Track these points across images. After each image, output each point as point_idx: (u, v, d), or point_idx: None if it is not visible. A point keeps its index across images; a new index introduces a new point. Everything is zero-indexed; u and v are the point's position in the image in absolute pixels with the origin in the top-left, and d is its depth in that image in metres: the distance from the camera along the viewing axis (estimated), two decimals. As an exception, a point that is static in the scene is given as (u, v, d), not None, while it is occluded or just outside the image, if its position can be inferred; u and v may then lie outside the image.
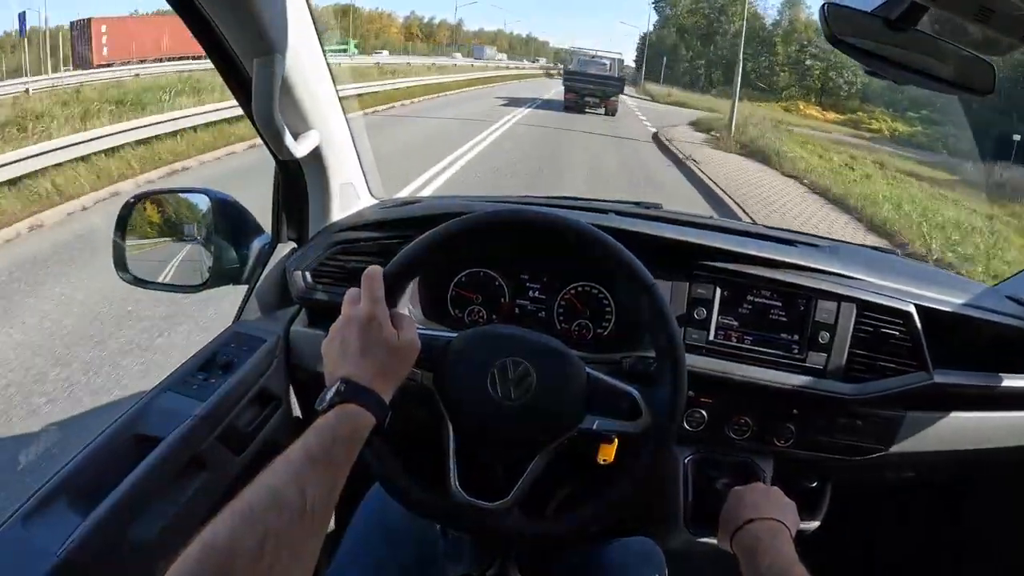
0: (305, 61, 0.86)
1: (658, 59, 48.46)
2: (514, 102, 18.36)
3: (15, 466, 2.11)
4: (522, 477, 0.68)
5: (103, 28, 18.80)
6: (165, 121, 7.77)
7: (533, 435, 0.68)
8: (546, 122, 13.96)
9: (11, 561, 0.65)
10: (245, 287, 1.02)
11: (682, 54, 45.12)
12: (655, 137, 13.00)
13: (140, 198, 1.01)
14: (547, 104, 18.80)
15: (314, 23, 0.87)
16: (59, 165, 5.84)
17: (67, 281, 3.84)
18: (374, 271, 0.65)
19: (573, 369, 0.70)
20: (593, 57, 18.82)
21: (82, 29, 19.15)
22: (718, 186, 8.14)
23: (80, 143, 6.28)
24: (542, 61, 76.29)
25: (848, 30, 0.73)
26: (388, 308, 0.64)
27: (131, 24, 19.98)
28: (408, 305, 0.96)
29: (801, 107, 33.12)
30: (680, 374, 0.70)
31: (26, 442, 2.26)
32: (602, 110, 16.61)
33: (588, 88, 16.48)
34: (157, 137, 7.36)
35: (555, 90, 22.79)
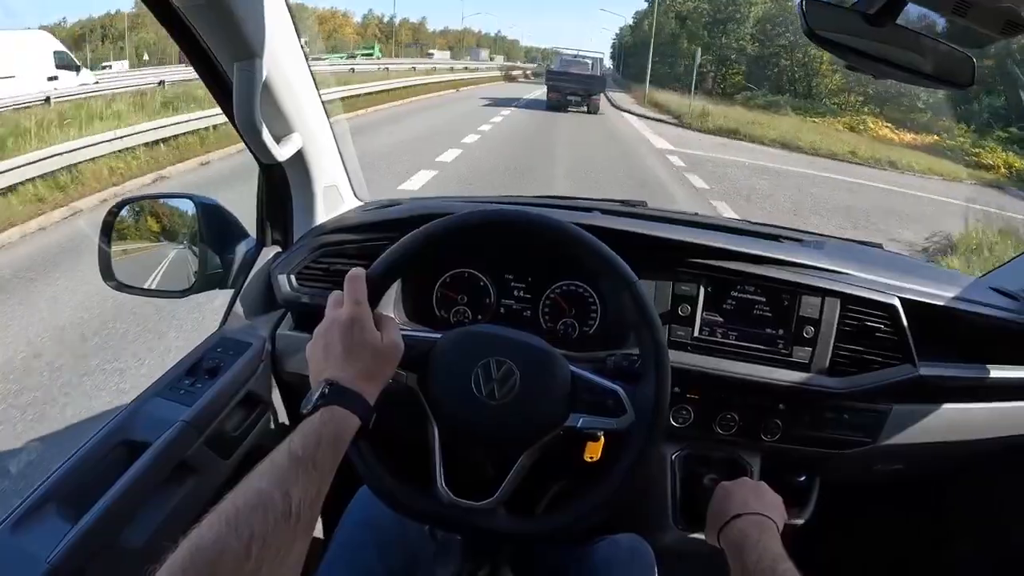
0: (286, 65, 0.86)
1: (662, 57, 33.64)
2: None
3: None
4: (508, 476, 0.68)
5: None
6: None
7: (518, 434, 0.69)
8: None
9: (1, 569, 0.65)
10: (231, 292, 1.02)
11: (683, 48, 32.06)
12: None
13: (124, 204, 1.01)
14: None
15: (295, 27, 0.87)
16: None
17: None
18: (357, 273, 0.65)
19: (557, 367, 0.71)
20: (575, 57, 19.36)
21: None
22: None
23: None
24: (499, 60, 58.28)
25: (826, 25, 0.73)
26: (371, 310, 0.64)
27: None
28: (391, 307, 0.96)
29: (871, 125, 19.63)
30: (664, 370, 0.70)
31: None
32: (584, 108, 16.96)
33: (570, 87, 16.89)
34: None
35: (530, 105, 16.92)
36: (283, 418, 1.00)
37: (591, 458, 0.73)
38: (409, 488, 0.68)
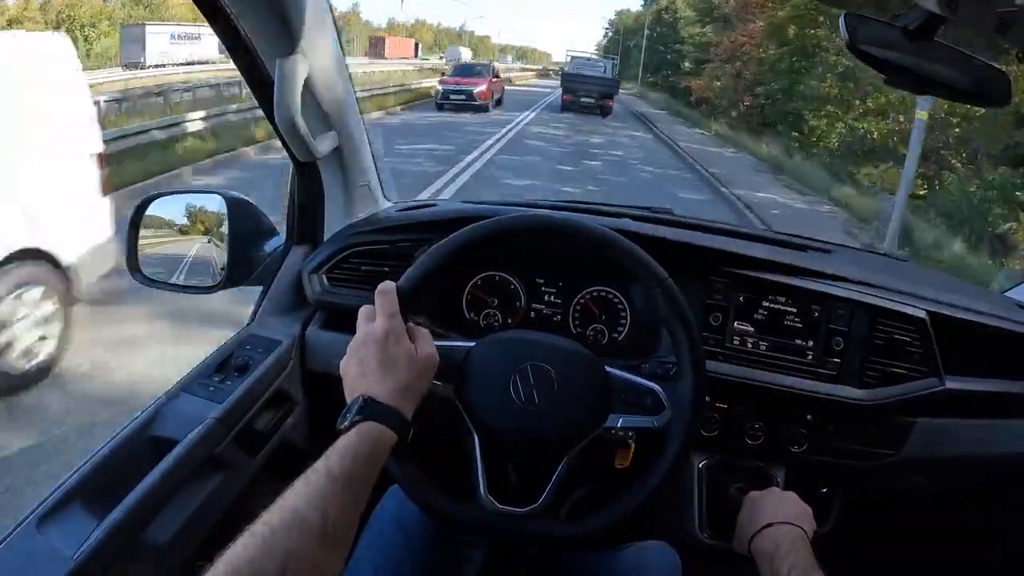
0: (326, 62, 0.86)
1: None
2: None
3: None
4: (551, 481, 0.68)
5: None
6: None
7: (559, 437, 0.68)
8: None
9: (26, 565, 0.64)
10: (259, 289, 1.01)
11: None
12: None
13: (153, 198, 1.01)
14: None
15: (336, 25, 0.87)
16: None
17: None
18: (387, 287, 0.65)
19: (593, 369, 0.71)
20: (588, 60, 20.61)
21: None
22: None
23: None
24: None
25: (867, 39, 0.75)
26: (404, 322, 0.64)
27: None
28: (419, 314, 0.96)
29: None
30: (700, 365, 0.70)
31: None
32: (598, 111, 17.36)
33: (584, 89, 17.33)
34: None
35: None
36: (311, 417, 1.00)
37: (621, 465, 0.73)
38: (452, 498, 0.67)
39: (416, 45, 55.47)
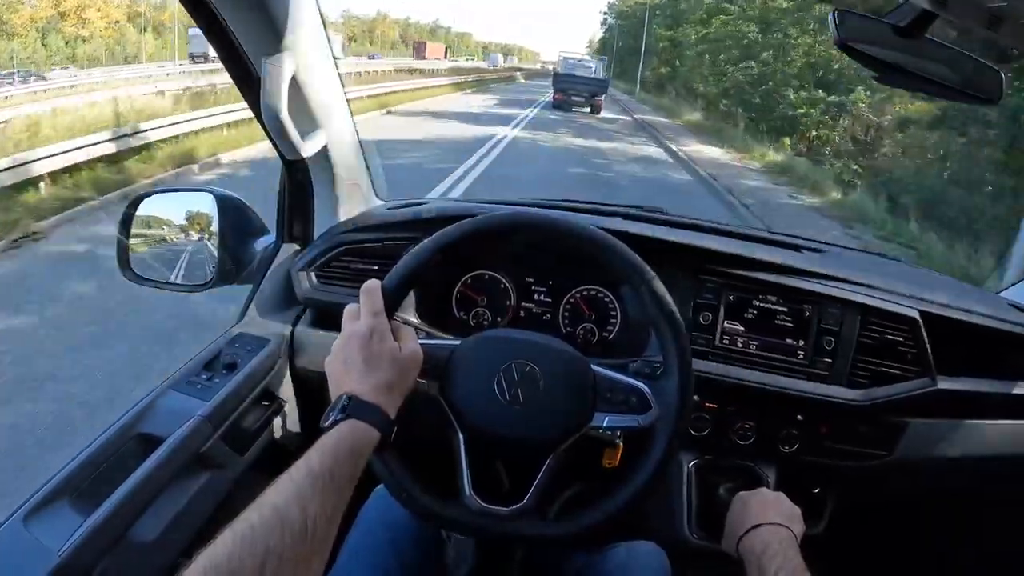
0: (314, 61, 0.86)
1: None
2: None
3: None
4: (536, 480, 0.67)
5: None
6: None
7: (544, 436, 0.68)
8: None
9: (12, 560, 0.64)
10: (249, 287, 1.01)
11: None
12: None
13: (144, 197, 1.01)
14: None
15: (323, 23, 0.87)
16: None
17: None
18: (372, 285, 0.65)
19: (579, 367, 0.70)
20: (579, 61, 21.63)
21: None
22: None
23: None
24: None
25: (857, 36, 0.74)
26: (389, 320, 0.64)
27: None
28: (409, 309, 0.95)
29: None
30: (686, 362, 0.70)
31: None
32: (588, 108, 18.24)
33: (575, 88, 18.22)
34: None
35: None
36: (299, 416, 1.00)
37: (609, 464, 0.73)
38: (436, 497, 0.67)
39: (446, 49, 73.82)
